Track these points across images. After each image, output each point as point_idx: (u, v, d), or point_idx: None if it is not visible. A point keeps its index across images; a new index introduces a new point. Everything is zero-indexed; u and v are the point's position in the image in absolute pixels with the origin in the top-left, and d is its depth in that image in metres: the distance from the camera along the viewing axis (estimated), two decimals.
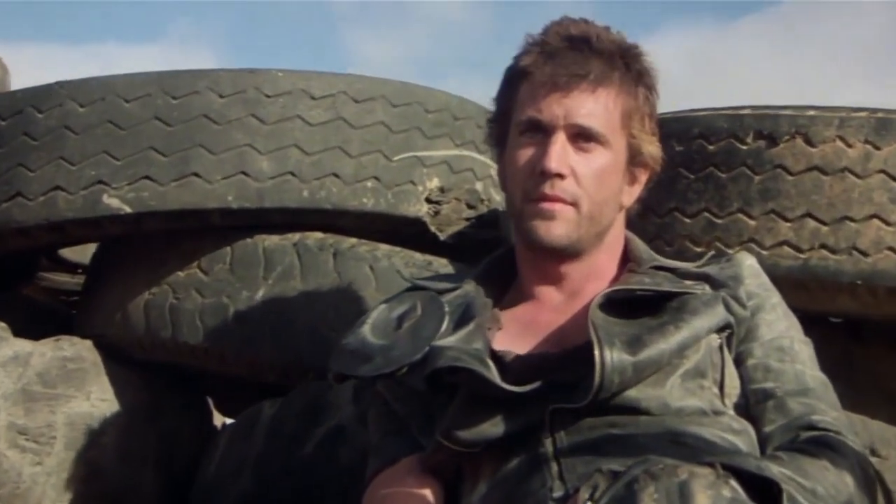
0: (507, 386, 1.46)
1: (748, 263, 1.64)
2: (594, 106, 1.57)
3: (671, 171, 2.06)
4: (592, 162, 1.58)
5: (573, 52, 1.59)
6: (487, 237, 2.48)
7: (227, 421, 2.85)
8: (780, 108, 2.18)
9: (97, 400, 2.39)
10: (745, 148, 2.16)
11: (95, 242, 2.75)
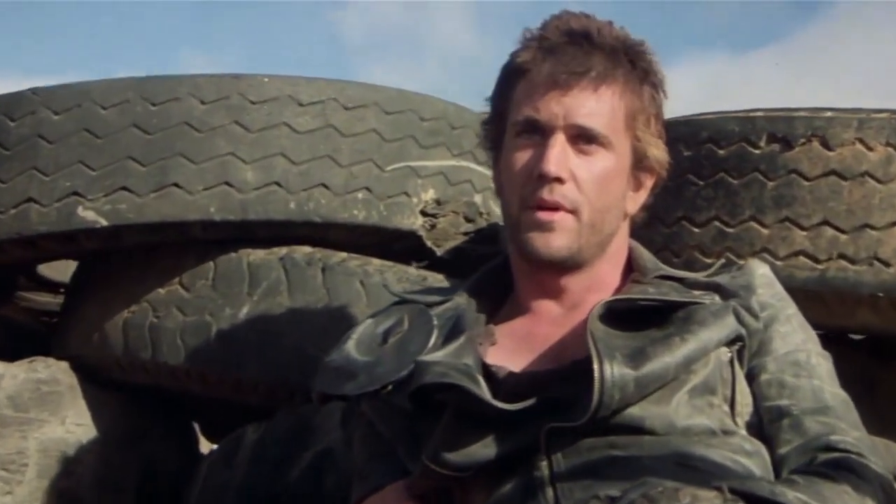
0: (498, 404, 1.40)
1: (761, 272, 1.58)
2: (596, 105, 1.51)
3: (679, 177, 2.05)
4: (594, 165, 1.52)
5: (573, 47, 1.53)
6: (487, 253, 2.43)
7: (214, 447, 2.83)
8: (794, 109, 2.18)
9: (73, 425, 2.39)
10: (757, 152, 2.13)
11: (71, 258, 2.77)
